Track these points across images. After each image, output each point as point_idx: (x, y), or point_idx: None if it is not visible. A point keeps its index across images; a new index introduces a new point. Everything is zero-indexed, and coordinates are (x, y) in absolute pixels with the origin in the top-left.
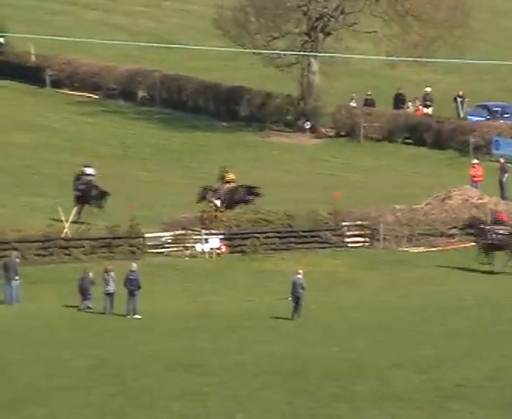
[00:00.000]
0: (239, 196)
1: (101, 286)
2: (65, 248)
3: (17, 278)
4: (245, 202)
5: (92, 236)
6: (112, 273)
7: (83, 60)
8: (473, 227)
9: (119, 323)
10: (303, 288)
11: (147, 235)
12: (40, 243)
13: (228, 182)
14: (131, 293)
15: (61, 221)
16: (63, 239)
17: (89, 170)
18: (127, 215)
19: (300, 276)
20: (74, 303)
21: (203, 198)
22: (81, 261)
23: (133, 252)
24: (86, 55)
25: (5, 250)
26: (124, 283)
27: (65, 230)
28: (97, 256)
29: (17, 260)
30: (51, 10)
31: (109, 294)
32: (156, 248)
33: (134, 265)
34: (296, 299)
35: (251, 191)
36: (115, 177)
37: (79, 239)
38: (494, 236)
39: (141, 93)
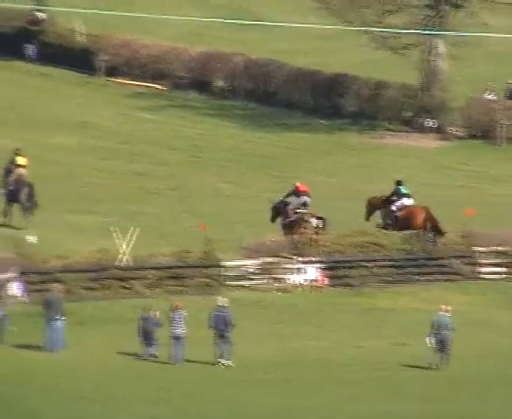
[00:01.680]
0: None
1: (168, 328)
2: (123, 279)
3: (61, 317)
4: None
5: (156, 264)
6: (182, 311)
7: (144, 41)
8: None
9: (191, 374)
10: (451, 329)
11: (225, 263)
12: (90, 274)
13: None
14: (221, 335)
15: (117, 245)
16: (119, 268)
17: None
18: (200, 237)
19: (446, 313)
20: (133, 349)
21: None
22: (143, 296)
23: (208, 285)
24: (148, 35)
25: (47, 282)
26: (210, 322)
27: (123, 257)
28: (163, 289)
29: (61, 295)
30: None
31: (178, 338)
32: (238, 279)
33: (225, 300)
34: (441, 344)
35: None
36: (184, 189)
37: (141, 268)
38: None
39: (217, 83)
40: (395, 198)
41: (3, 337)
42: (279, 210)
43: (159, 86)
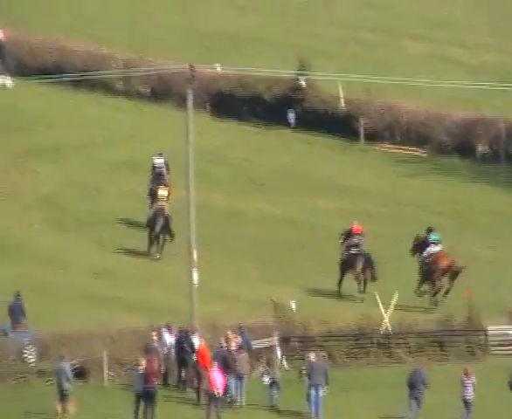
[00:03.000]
0: None
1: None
2: (385, 345)
3: (324, 384)
4: None
5: (419, 330)
6: (471, 377)
7: (406, 105)
8: None
9: None
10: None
11: (490, 328)
12: (353, 340)
13: None
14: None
15: (379, 311)
16: (381, 335)
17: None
18: (463, 302)
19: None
20: (397, 414)
21: None
22: (405, 363)
23: (471, 353)
24: (411, 99)
25: (308, 348)
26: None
27: (383, 323)
28: (425, 356)
29: (325, 362)
30: (367, 42)
31: (467, 403)
32: (502, 346)
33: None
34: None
35: None
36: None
37: (403, 335)
38: None
39: (480, 148)
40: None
41: (272, 403)
42: None
43: (421, 151)
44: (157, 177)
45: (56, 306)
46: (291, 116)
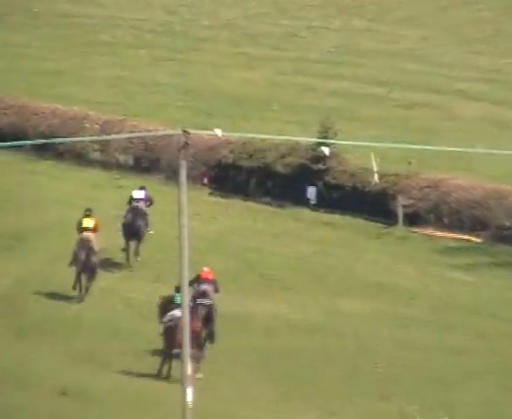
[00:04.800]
0: None
1: None
2: None
3: None
4: None
5: None
6: None
7: (456, 181)
8: None
9: None
10: None
11: None
12: None
13: None
14: None
15: None
16: None
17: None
18: None
19: None
20: None
21: None
22: None
23: None
24: (462, 172)
25: None
26: None
27: None
28: None
29: None
30: (406, 101)
31: None
32: None
33: None
34: None
35: None
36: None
37: None
38: None
39: None
40: None
41: None
42: None
43: (475, 239)
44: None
45: None
46: (311, 193)
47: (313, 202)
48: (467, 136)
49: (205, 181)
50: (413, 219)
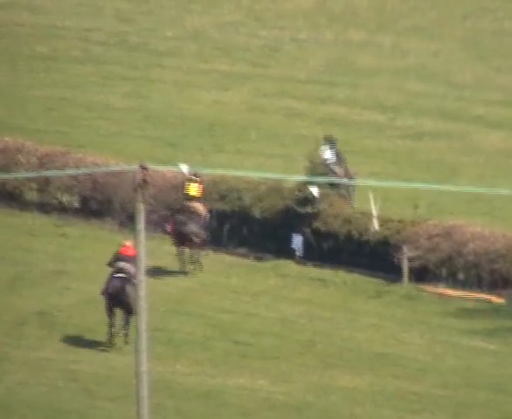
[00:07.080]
0: None
1: None
2: None
3: None
4: None
5: None
6: None
7: (476, 228)
8: None
9: None
10: None
11: None
12: None
13: None
14: None
15: None
16: None
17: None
18: None
19: None
20: None
21: None
22: None
23: None
24: (483, 218)
25: None
26: None
27: None
28: None
29: None
30: (413, 131)
31: None
32: None
33: None
34: None
35: None
36: None
37: None
38: None
39: None
40: None
41: None
42: None
43: (496, 299)
44: None
45: None
46: (296, 242)
47: (299, 253)
48: (487, 173)
49: (168, 228)
50: (421, 275)
